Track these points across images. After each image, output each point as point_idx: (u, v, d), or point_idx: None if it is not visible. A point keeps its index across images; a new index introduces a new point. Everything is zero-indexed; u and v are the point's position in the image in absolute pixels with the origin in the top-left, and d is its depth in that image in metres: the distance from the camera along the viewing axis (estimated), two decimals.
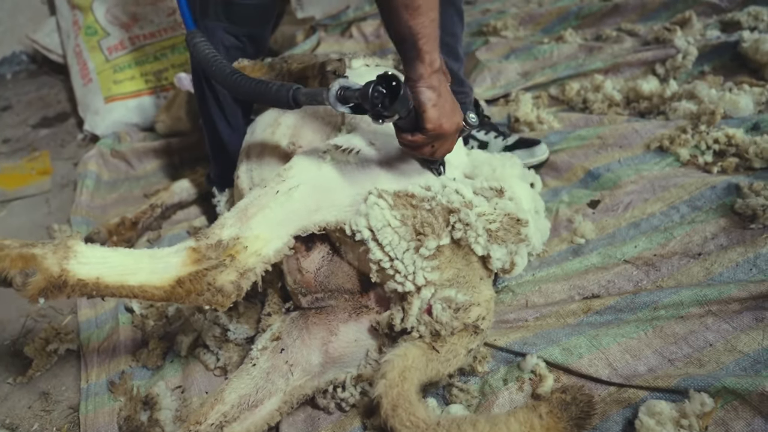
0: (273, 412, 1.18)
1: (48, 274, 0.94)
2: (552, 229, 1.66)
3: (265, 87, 1.18)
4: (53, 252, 0.97)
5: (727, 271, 1.36)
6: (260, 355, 1.22)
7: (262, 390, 1.17)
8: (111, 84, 2.51)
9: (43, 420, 1.36)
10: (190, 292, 1.01)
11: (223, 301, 1.03)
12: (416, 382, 1.08)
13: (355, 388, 1.21)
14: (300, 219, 1.13)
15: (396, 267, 1.10)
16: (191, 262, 1.02)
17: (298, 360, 1.21)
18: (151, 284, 1.00)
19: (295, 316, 1.29)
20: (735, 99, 1.90)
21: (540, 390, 1.18)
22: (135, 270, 1.00)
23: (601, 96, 2.17)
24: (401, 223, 1.10)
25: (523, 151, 1.88)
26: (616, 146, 1.90)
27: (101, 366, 1.45)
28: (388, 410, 1.03)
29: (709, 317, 1.25)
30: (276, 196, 1.12)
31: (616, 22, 2.70)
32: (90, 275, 0.97)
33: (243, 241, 1.05)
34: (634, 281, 1.42)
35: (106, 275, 0.98)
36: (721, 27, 2.42)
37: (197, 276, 1.01)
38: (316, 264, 1.23)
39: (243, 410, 1.15)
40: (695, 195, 1.60)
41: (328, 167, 1.19)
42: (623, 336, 1.25)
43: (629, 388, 1.15)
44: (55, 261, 0.96)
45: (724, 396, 1.06)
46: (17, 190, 2.28)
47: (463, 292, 1.13)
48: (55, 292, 0.96)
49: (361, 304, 1.23)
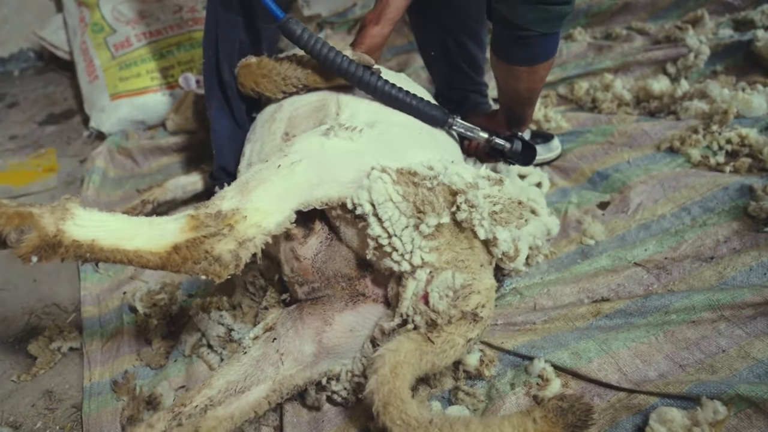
0: (260, 399, 1.16)
1: (43, 233, 0.92)
2: (561, 230, 1.64)
3: (419, 103, 1.40)
4: (51, 212, 0.95)
5: (740, 275, 1.33)
6: (252, 344, 1.22)
7: (251, 377, 1.17)
8: (117, 81, 2.51)
9: (46, 418, 1.35)
10: (186, 259, 0.98)
11: (220, 270, 1.00)
12: (409, 378, 1.06)
13: (348, 382, 1.19)
14: (302, 193, 1.11)
15: (394, 244, 1.09)
16: (189, 229, 0.99)
17: (289, 349, 1.20)
18: (147, 249, 0.97)
19: (291, 309, 1.27)
20: (748, 98, 1.87)
21: (543, 393, 1.16)
22: (132, 235, 0.98)
23: (610, 95, 2.14)
24: (403, 198, 1.10)
25: (541, 146, 1.90)
26: (626, 146, 1.87)
27: (105, 365, 1.44)
28: (379, 408, 1.02)
29: (722, 322, 1.23)
30: (278, 170, 1.10)
31: (626, 20, 2.66)
32: (86, 237, 0.95)
33: (242, 212, 1.03)
34: (644, 285, 1.40)
35: (102, 238, 0.96)
36: (733, 26, 2.38)
37: (194, 243, 0.98)
38: (313, 250, 1.22)
39: (229, 395, 1.14)
40: (707, 196, 1.58)
41: (332, 144, 1.17)
42: (633, 340, 1.23)
43: (639, 394, 1.12)
44: (52, 220, 0.94)
45: (737, 403, 1.04)
46: (23, 186, 2.28)
47: (462, 277, 1.11)
48: (49, 252, 0.93)
49: (357, 291, 1.21)
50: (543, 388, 1.17)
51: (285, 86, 1.50)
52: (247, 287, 1.47)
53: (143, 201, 1.89)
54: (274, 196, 1.07)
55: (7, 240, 0.93)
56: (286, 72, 1.49)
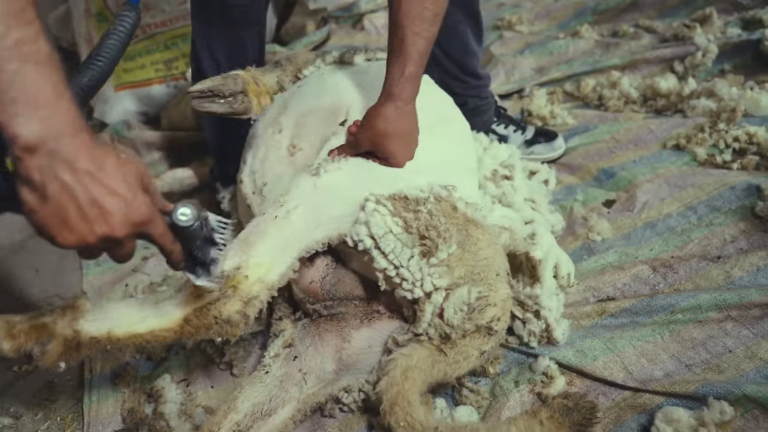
0: (286, 420, 1.16)
1: (62, 339, 0.99)
2: (567, 227, 1.63)
3: None
4: (62, 316, 1.01)
5: (747, 276, 1.32)
6: (273, 362, 1.20)
7: (276, 398, 1.16)
8: (121, 72, 2.50)
9: (47, 410, 1.35)
10: (199, 327, 1.03)
11: (233, 331, 1.05)
12: (419, 383, 1.07)
13: (358, 394, 1.19)
14: (302, 240, 1.12)
15: (402, 275, 1.08)
16: (194, 299, 1.03)
17: (311, 368, 1.20)
18: (160, 328, 1.02)
19: (306, 323, 1.27)
20: (756, 97, 1.85)
21: (548, 391, 1.16)
22: (141, 318, 1.03)
23: (617, 93, 2.12)
24: (404, 228, 1.08)
25: (544, 146, 1.88)
26: (632, 144, 1.86)
27: (106, 358, 1.43)
28: (386, 407, 1.03)
29: (729, 322, 1.22)
30: (275, 221, 1.12)
31: (634, 18, 2.65)
32: (101, 331, 1.01)
33: (244, 271, 1.06)
34: (650, 284, 1.38)
35: (116, 328, 1.02)
36: (742, 25, 2.36)
37: (202, 311, 1.02)
38: (321, 273, 1.21)
39: (256, 419, 1.13)
40: (713, 195, 1.57)
41: (323, 181, 1.17)
42: (639, 339, 1.22)
43: (645, 393, 1.12)
44: (66, 324, 1.00)
45: (744, 404, 1.03)
46: None
47: (477, 290, 1.10)
48: (73, 354, 1.00)
49: (372, 309, 1.20)
50: (547, 385, 1.17)
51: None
52: None
53: None
54: (274, 248, 1.10)
55: (33, 355, 0.99)
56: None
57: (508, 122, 1.93)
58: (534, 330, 1.26)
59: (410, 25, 1.14)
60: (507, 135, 1.90)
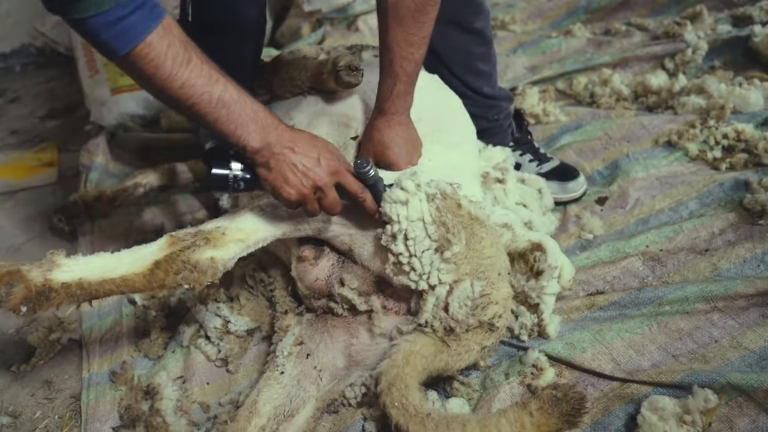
0: (309, 419, 1.17)
1: (31, 284, 1.01)
2: (560, 225, 1.65)
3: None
4: (38, 266, 1.04)
5: (734, 267, 1.34)
6: (286, 361, 1.21)
7: (296, 398, 1.17)
8: (117, 76, 2.51)
9: (45, 408, 1.36)
10: (167, 272, 1.06)
11: (199, 277, 1.07)
12: (420, 369, 1.09)
13: (360, 388, 1.20)
14: (291, 223, 1.14)
15: (413, 264, 1.09)
16: (167, 246, 1.07)
17: (325, 365, 1.21)
18: (131, 273, 1.05)
19: (311, 318, 1.28)
20: (745, 94, 1.87)
21: (537, 383, 1.17)
22: (116, 265, 1.06)
23: (609, 90, 2.14)
24: (433, 220, 1.10)
25: (556, 183, 1.73)
26: (624, 141, 1.88)
27: (103, 356, 1.45)
28: (383, 387, 1.05)
29: (715, 313, 1.24)
30: (270, 199, 1.13)
31: (626, 16, 2.67)
32: (73, 278, 1.03)
33: (222, 230, 1.09)
34: (639, 277, 1.40)
35: (88, 275, 1.04)
36: (732, 21, 2.39)
37: (172, 256, 1.06)
38: (326, 272, 1.23)
39: (280, 422, 1.14)
40: (703, 192, 1.59)
41: None
42: (627, 331, 1.24)
43: (632, 384, 1.13)
44: (39, 273, 1.03)
45: (728, 392, 1.04)
46: (24, 180, 2.29)
47: (481, 285, 1.12)
48: (42, 300, 1.01)
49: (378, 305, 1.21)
50: (537, 377, 1.18)
51: (292, 87, 1.51)
52: (246, 279, 1.48)
53: (135, 184, 1.88)
54: (261, 220, 1.13)
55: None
56: (292, 73, 1.50)
57: (526, 150, 1.81)
58: (526, 323, 1.28)
59: (398, 49, 1.20)
60: (521, 163, 1.79)
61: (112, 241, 1.87)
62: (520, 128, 1.85)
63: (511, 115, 1.82)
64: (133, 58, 0.94)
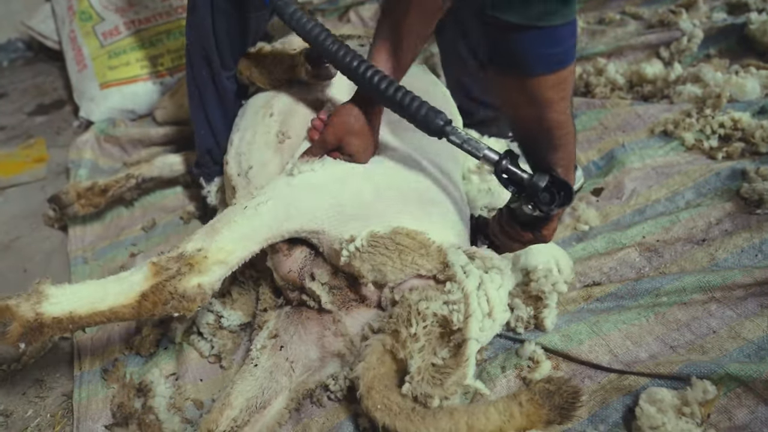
0: (281, 410, 1.18)
1: (23, 321, 1.02)
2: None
3: (410, 101, 1.08)
4: (26, 300, 1.04)
5: (731, 257, 1.33)
6: (260, 354, 1.22)
7: (268, 390, 1.18)
8: (106, 70, 2.48)
9: (36, 406, 1.35)
10: (156, 303, 1.06)
11: (188, 305, 1.07)
12: (396, 367, 1.08)
13: (344, 381, 1.20)
14: (269, 230, 1.14)
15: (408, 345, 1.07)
16: (152, 276, 1.07)
17: (298, 356, 1.21)
18: (119, 305, 1.05)
19: (289, 311, 1.28)
20: (741, 82, 1.86)
21: (534, 375, 1.16)
22: (103, 296, 1.05)
23: (603, 80, 2.12)
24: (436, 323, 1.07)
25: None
26: (619, 131, 1.86)
27: (95, 354, 1.43)
28: (363, 392, 1.05)
29: (713, 304, 1.23)
30: (244, 211, 1.14)
31: (620, 5, 2.64)
32: (63, 311, 1.04)
33: (204, 252, 1.09)
34: (636, 268, 1.39)
35: (78, 308, 1.04)
36: (727, 9, 2.36)
37: (158, 287, 1.06)
38: (299, 263, 1.23)
39: (252, 413, 1.15)
40: (700, 182, 1.58)
41: (297, 181, 1.20)
42: (624, 322, 1.23)
43: (630, 375, 1.12)
44: (29, 307, 1.03)
45: (727, 383, 1.04)
46: (12, 177, 2.26)
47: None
48: (36, 334, 1.03)
49: (350, 297, 1.21)
50: (534, 370, 1.17)
51: (271, 80, 1.48)
52: (237, 275, 1.46)
53: (128, 175, 1.86)
54: (239, 236, 1.12)
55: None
56: (269, 66, 1.48)
57: None
58: (522, 316, 1.27)
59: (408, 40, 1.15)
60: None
61: (104, 240, 1.85)
62: None
63: None
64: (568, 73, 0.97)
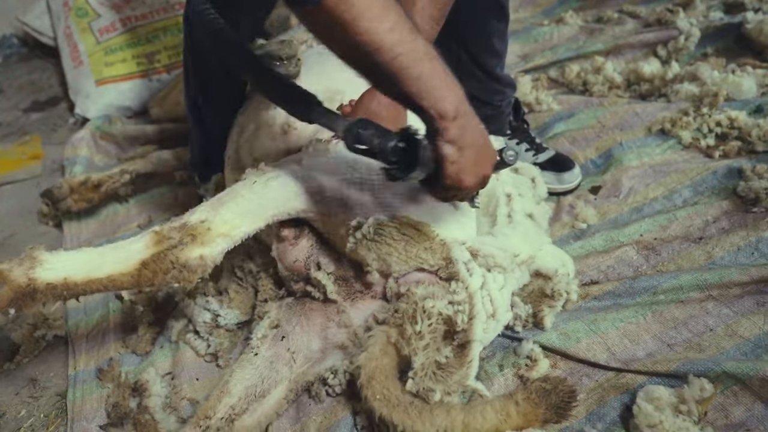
0: (280, 400, 1.17)
1: (15, 285, 0.99)
2: (554, 214, 1.63)
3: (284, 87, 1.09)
4: (19, 264, 1.01)
5: (728, 255, 1.33)
6: (261, 343, 1.21)
7: (268, 379, 1.17)
8: (102, 67, 2.47)
9: (30, 406, 1.34)
10: (156, 272, 1.03)
11: (189, 276, 1.05)
12: (398, 359, 1.08)
13: (344, 375, 1.19)
14: (275, 207, 1.12)
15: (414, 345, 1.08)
16: (153, 244, 1.04)
17: (299, 347, 1.20)
18: (118, 272, 1.02)
19: (291, 302, 1.27)
20: (738, 81, 1.86)
21: (532, 374, 1.16)
22: (100, 263, 1.02)
23: (601, 78, 2.12)
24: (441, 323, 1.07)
25: (552, 174, 1.68)
26: (617, 129, 1.86)
27: (89, 353, 1.43)
28: (363, 381, 1.04)
29: (710, 302, 1.23)
30: (252, 186, 1.12)
31: (618, 3, 2.64)
32: (57, 277, 1.00)
33: (207, 224, 1.06)
34: (633, 266, 1.39)
35: (73, 274, 1.01)
36: (724, 8, 2.37)
37: (160, 256, 1.03)
38: (305, 252, 1.21)
39: (251, 401, 1.14)
40: (697, 180, 1.58)
41: (308, 159, 1.18)
42: (622, 321, 1.23)
43: (627, 374, 1.12)
44: (22, 272, 1.00)
45: (723, 381, 1.04)
46: (8, 174, 2.24)
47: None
48: (28, 300, 1.00)
49: (355, 289, 1.20)
50: (531, 369, 1.17)
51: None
52: (235, 272, 1.45)
53: (122, 170, 1.85)
54: (245, 210, 1.10)
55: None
56: None
57: (523, 139, 1.76)
58: (520, 314, 1.26)
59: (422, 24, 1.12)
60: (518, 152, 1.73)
61: (99, 237, 1.84)
62: (516, 117, 1.80)
63: (512, 104, 1.78)
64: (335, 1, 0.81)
